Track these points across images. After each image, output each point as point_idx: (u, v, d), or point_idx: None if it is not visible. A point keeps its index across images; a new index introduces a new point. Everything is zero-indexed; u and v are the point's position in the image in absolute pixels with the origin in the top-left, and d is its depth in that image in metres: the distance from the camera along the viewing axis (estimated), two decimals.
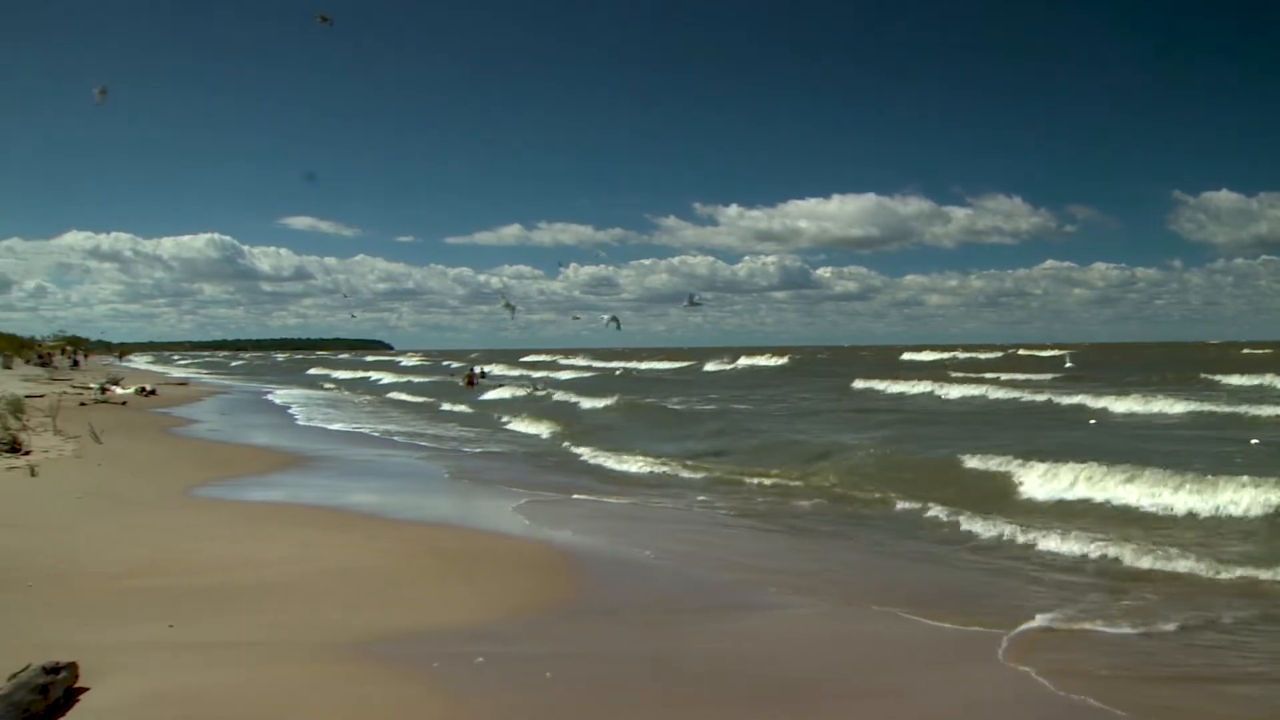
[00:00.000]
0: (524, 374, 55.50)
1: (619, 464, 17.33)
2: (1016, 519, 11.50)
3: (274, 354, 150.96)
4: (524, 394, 35.79)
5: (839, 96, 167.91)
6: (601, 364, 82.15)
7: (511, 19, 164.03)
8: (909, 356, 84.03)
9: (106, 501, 11.62)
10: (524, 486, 14.60)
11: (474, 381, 46.79)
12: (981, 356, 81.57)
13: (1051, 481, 13.30)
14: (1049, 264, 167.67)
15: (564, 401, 32.64)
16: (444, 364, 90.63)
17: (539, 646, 6.68)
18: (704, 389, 44.12)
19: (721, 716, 5.49)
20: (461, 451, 19.76)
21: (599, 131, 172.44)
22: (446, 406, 33.42)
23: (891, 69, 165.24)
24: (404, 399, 39.06)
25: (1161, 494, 12.12)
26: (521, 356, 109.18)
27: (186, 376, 60.80)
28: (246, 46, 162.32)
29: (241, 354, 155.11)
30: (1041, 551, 9.99)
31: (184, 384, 47.94)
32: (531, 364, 77.88)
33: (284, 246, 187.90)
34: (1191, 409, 25.40)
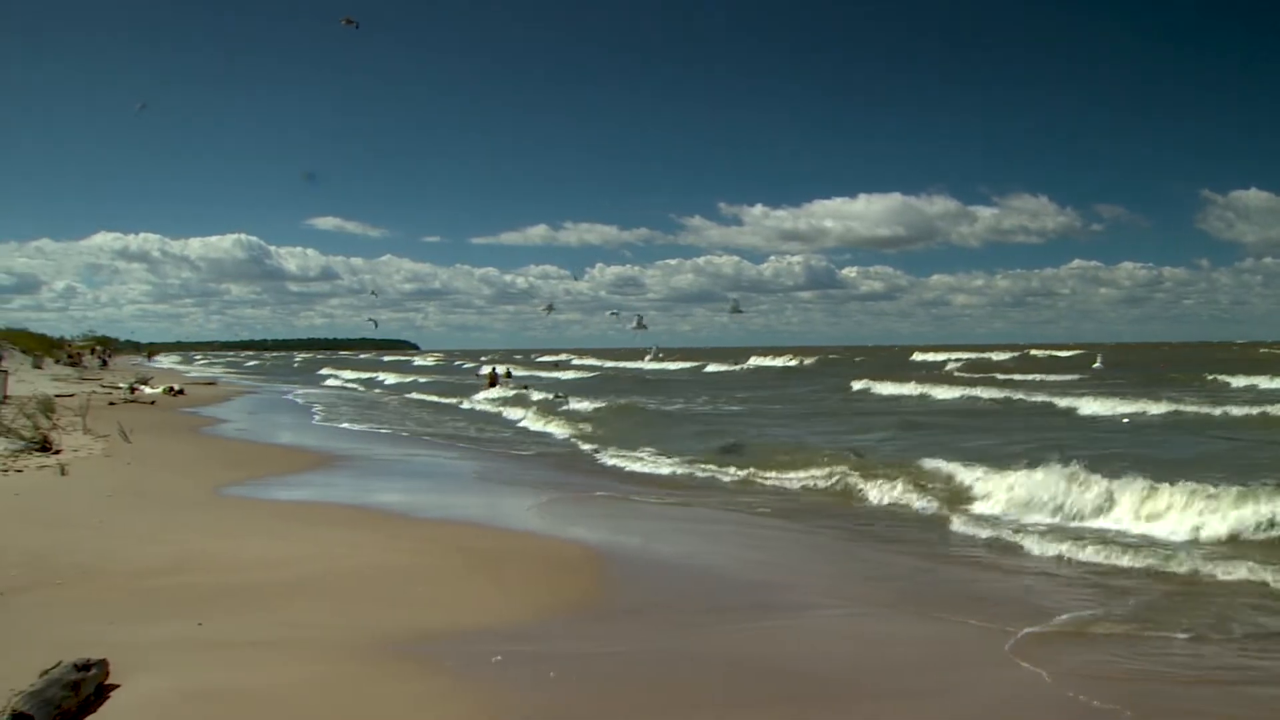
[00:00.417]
0: (533, 374, 55.68)
1: (637, 464, 17.28)
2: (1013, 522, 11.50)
3: (294, 354, 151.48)
4: (512, 394, 35.89)
5: (864, 96, 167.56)
6: (612, 364, 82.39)
7: (538, 19, 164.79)
8: (919, 357, 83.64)
9: (136, 500, 11.72)
10: (545, 485, 14.65)
11: (495, 382, 46.90)
12: (993, 357, 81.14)
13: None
14: (1076, 263, 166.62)
15: (544, 401, 32.61)
16: (456, 364, 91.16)
17: (569, 646, 6.66)
18: (698, 390, 44.24)
19: (751, 717, 5.45)
20: (484, 451, 19.83)
21: (625, 131, 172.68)
22: (466, 405, 33.73)
23: (918, 68, 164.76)
24: (426, 399, 39.28)
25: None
26: (539, 356, 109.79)
27: (212, 376, 61.27)
28: (273, 47, 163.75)
29: (264, 354, 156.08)
30: (1052, 555, 9.88)
31: (212, 384, 48.34)
32: (544, 364, 78.26)
33: (310, 247, 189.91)
34: (1164, 409, 25.34)
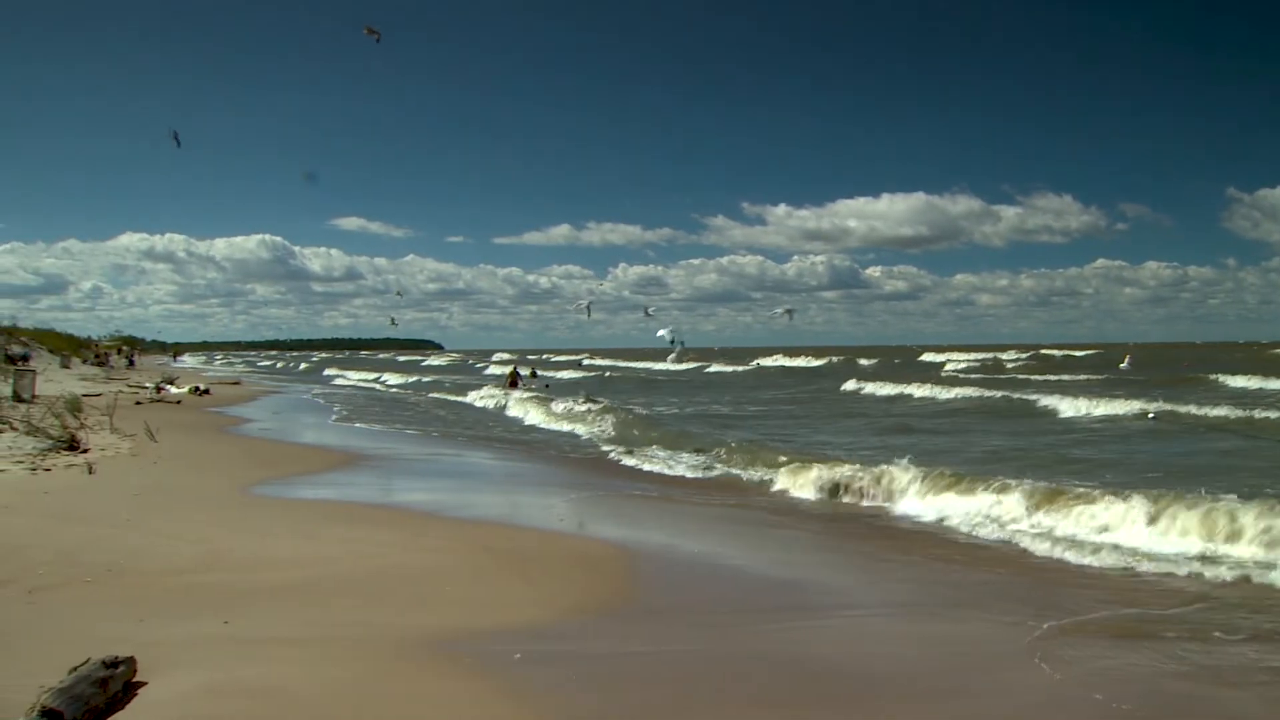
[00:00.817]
0: (545, 374, 55.93)
1: (656, 464, 17.26)
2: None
3: (310, 354, 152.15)
4: (528, 394, 36.02)
5: (887, 95, 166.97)
6: (624, 364, 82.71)
7: (561, 18, 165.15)
8: (928, 357, 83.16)
9: (162, 499, 11.78)
10: (567, 484, 14.69)
11: (516, 383, 46.99)
12: (1000, 356, 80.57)
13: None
14: (1100, 263, 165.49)
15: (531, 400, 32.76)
16: (469, 363, 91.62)
17: (598, 646, 6.62)
18: (694, 391, 44.26)
19: (786, 717, 5.40)
20: (504, 451, 19.90)
21: (648, 131, 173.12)
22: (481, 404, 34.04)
23: (941, 68, 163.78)
24: (445, 399, 39.51)
25: None
26: (552, 356, 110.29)
27: (234, 376, 61.71)
28: (297, 47, 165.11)
29: (286, 354, 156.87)
30: (1066, 556, 9.77)
31: (236, 384, 48.71)
32: (553, 364, 78.78)
33: (334, 247, 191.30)
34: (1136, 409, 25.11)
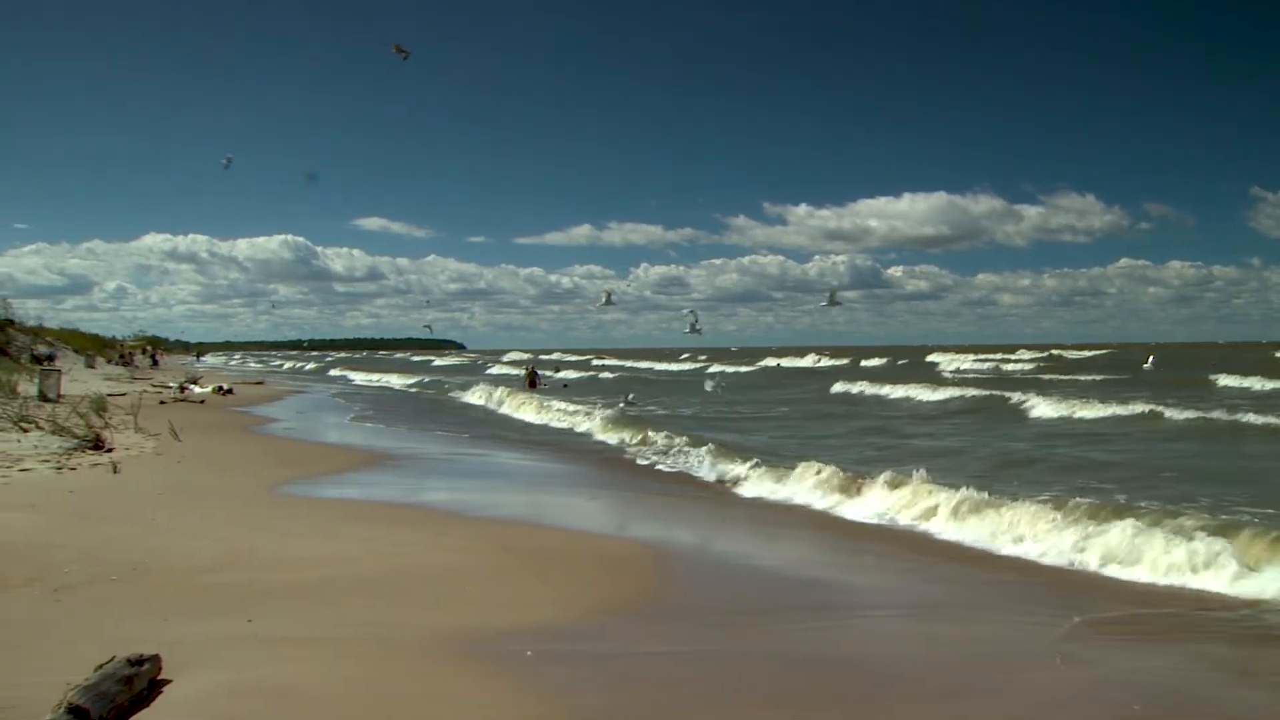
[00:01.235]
0: (545, 374, 56.11)
1: (668, 465, 17.26)
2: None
3: (325, 354, 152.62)
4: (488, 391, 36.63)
5: (908, 94, 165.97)
6: (635, 364, 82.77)
7: (582, 19, 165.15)
8: (935, 358, 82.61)
9: (186, 498, 11.87)
10: (586, 484, 14.75)
11: (535, 382, 47.09)
12: (1004, 357, 79.73)
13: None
14: (1124, 262, 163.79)
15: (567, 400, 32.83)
16: (479, 363, 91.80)
17: (617, 645, 6.63)
18: (689, 392, 43.99)
19: (801, 717, 5.39)
20: (524, 450, 19.95)
21: (668, 131, 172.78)
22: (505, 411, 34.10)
23: (962, 67, 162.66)
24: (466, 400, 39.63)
25: None
26: (563, 355, 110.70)
27: (256, 375, 62.16)
28: (318, 48, 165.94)
29: (307, 354, 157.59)
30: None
31: (260, 383, 49.04)
32: (560, 363, 79.02)
33: (356, 247, 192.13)
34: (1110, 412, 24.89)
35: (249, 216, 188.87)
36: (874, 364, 75.36)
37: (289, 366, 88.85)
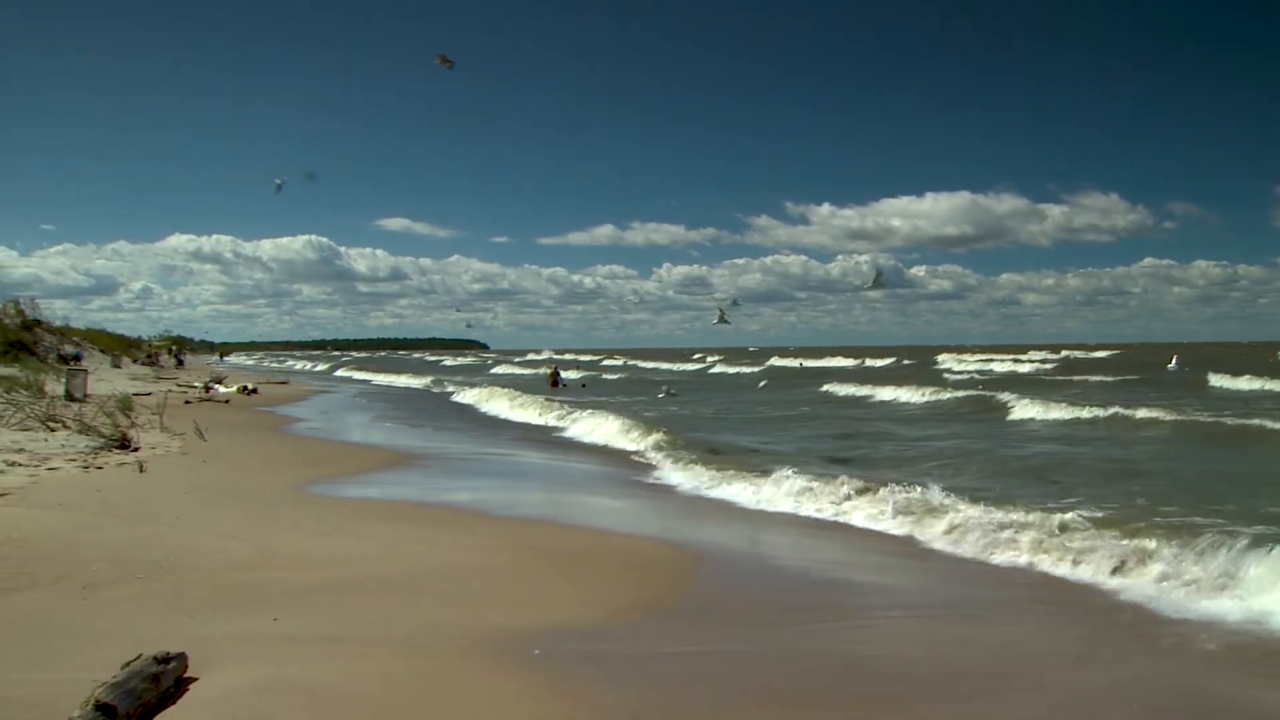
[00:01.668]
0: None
1: (682, 466, 17.08)
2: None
3: (342, 354, 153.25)
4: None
5: (931, 94, 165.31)
6: (642, 364, 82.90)
7: (602, 19, 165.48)
8: (943, 359, 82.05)
9: (212, 497, 11.93)
10: (607, 484, 14.72)
11: (557, 382, 47.19)
12: (1014, 358, 78.97)
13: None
14: (1148, 262, 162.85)
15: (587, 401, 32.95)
16: (486, 363, 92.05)
17: (643, 645, 6.60)
18: (687, 393, 43.96)
19: (825, 717, 5.36)
20: (545, 450, 19.97)
21: (691, 131, 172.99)
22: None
23: (985, 66, 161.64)
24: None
25: None
26: (572, 355, 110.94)
27: (283, 375, 62.59)
28: (341, 50, 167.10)
29: (330, 353, 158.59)
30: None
31: (284, 383, 49.38)
32: (567, 363, 79.34)
33: (379, 248, 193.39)
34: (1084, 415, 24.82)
35: (273, 217, 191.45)
36: (879, 364, 74.94)
37: (300, 367, 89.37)
